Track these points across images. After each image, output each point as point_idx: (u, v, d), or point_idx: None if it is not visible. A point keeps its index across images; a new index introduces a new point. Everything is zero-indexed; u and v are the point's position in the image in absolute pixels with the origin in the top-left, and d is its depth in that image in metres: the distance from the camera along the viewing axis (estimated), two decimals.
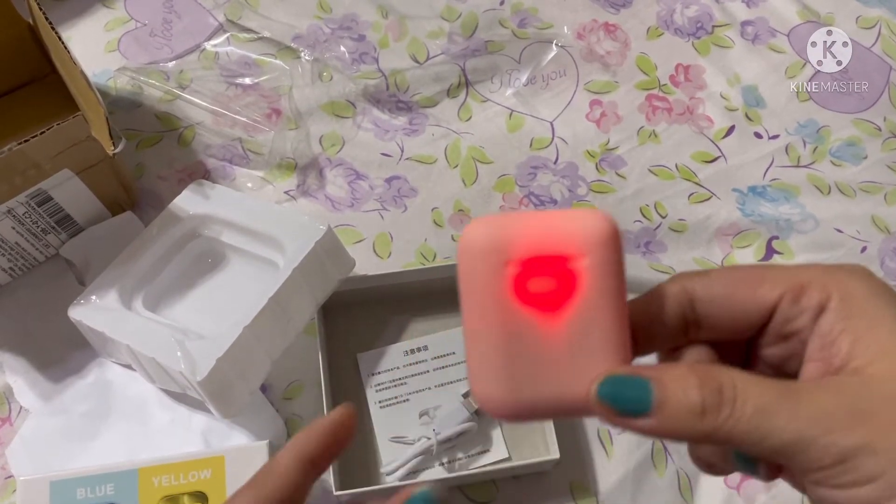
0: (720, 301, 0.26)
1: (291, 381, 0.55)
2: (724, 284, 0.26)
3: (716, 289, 0.26)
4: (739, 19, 0.72)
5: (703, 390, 0.24)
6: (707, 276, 0.27)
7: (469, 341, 0.26)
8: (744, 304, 0.26)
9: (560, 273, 0.25)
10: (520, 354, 0.25)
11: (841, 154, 0.66)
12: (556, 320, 0.25)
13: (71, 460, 0.51)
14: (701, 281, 0.27)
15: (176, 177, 0.62)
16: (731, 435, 0.23)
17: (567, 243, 0.25)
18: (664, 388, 0.24)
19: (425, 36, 0.70)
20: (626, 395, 0.24)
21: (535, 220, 0.26)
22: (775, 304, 0.26)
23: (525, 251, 0.25)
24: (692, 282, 0.27)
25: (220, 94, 0.66)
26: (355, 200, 0.62)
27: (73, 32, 0.69)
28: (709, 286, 0.26)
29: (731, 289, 0.26)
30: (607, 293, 0.25)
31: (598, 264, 0.25)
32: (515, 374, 0.25)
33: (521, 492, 0.52)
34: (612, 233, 0.25)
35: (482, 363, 0.26)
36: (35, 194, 0.52)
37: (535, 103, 0.67)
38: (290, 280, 0.49)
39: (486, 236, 0.25)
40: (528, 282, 0.25)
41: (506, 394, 0.25)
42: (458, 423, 0.51)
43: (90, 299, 0.51)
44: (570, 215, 0.26)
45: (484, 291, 0.25)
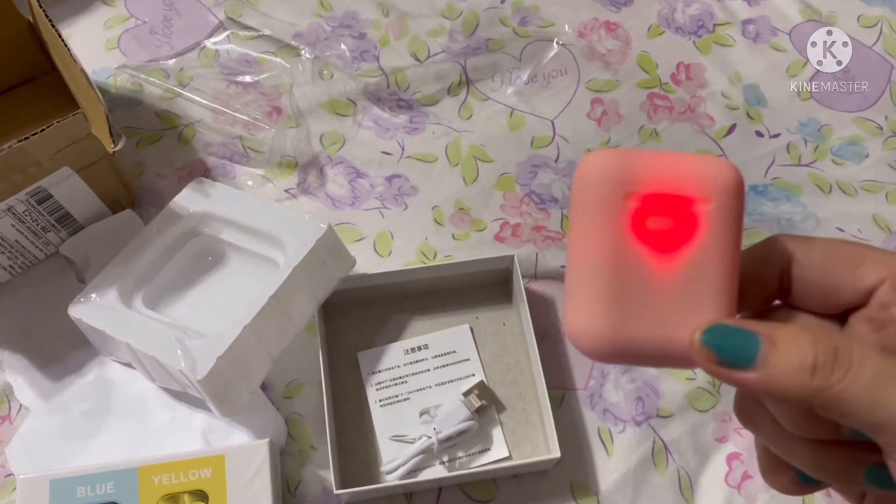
0: (818, 271, 0.26)
1: (292, 379, 0.55)
2: (824, 254, 0.26)
3: (815, 258, 0.26)
4: (741, 18, 0.72)
5: (818, 348, 0.23)
6: (809, 242, 0.26)
7: (572, 271, 0.25)
8: (841, 279, 0.25)
9: (681, 214, 0.24)
10: (626, 291, 0.24)
11: (842, 153, 0.66)
12: (670, 262, 0.24)
13: (71, 459, 0.51)
14: (801, 246, 0.26)
15: (176, 175, 0.62)
16: (840, 397, 0.22)
17: (692, 185, 0.24)
18: (773, 343, 0.23)
19: (426, 34, 0.70)
20: (731, 345, 0.24)
21: (661, 159, 0.25)
22: (874, 287, 0.25)
23: (648, 187, 0.24)
24: (793, 244, 0.26)
25: (220, 92, 0.66)
26: (356, 199, 0.62)
27: (73, 30, 0.69)
28: (809, 253, 0.26)
29: (830, 260, 0.26)
30: (725, 242, 0.24)
31: (720, 211, 0.24)
32: (618, 311, 0.24)
33: (522, 491, 0.52)
34: (739, 182, 0.24)
35: (584, 295, 0.25)
36: (35, 192, 0.51)
37: (536, 102, 0.67)
38: (291, 278, 0.49)
39: (610, 166, 0.24)
40: (647, 218, 0.24)
41: (604, 330, 0.24)
42: (459, 422, 0.51)
43: (90, 297, 0.51)
44: (697, 159, 0.25)
45: (599, 221, 0.24)
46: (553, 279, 0.59)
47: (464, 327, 0.56)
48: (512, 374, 0.55)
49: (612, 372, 0.55)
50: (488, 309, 0.57)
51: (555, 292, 0.58)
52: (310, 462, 0.52)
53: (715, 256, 0.24)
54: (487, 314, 0.57)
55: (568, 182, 0.63)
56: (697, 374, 0.56)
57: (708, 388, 0.55)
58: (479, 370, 0.55)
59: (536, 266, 0.59)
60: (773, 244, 0.26)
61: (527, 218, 0.61)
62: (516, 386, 0.55)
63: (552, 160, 0.64)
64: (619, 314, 0.24)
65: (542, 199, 0.62)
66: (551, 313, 0.57)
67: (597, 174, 0.24)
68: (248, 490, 0.47)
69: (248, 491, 0.47)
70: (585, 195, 0.25)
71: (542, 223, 0.61)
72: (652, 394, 0.55)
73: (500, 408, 0.54)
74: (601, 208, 0.24)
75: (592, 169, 0.25)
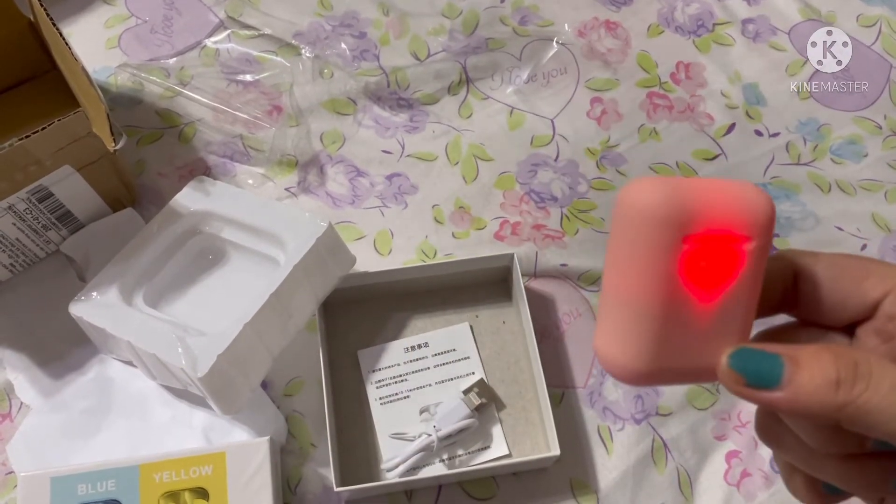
0: (824, 284, 0.26)
1: (292, 377, 0.55)
2: (830, 268, 0.26)
3: (821, 271, 0.26)
4: (740, 17, 0.72)
5: (839, 363, 0.23)
6: (815, 256, 0.27)
7: (613, 302, 0.25)
8: (847, 293, 0.26)
9: (727, 253, 0.25)
10: (668, 327, 0.25)
11: (841, 152, 0.66)
12: (712, 299, 0.25)
13: (72, 456, 0.51)
14: (807, 260, 0.27)
15: (177, 173, 0.62)
16: (864, 409, 0.23)
17: (738, 223, 0.24)
18: (797, 362, 0.24)
19: (426, 33, 0.70)
20: (757, 367, 0.24)
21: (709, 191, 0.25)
22: (879, 300, 0.26)
23: (700, 226, 0.24)
24: (799, 258, 0.27)
25: (220, 90, 0.66)
26: (356, 197, 0.62)
27: (73, 29, 0.69)
28: (814, 268, 0.27)
29: (836, 274, 0.26)
30: (756, 276, 0.25)
31: (759, 248, 0.25)
32: (658, 345, 0.25)
33: (522, 488, 0.52)
34: (773, 215, 0.25)
35: (624, 329, 0.25)
36: (36, 190, 0.52)
37: (536, 101, 0.67)
38: (291, 277, 0.50)
39: (665, 204, 0.24)
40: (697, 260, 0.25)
41: (641, 363, 0.25)
42: (459, 420, 0.51)
43: (91, 296, 0.51)
44: (740, 190, 0.25)
45: (650, 261, 0.24)
46: (553, 277, 0.59)
47: (464, 325, 0.57)
48: (512, 373, 0.55)
49: None
50: (488, 307, 0.57)
51: (554, 291, 0.58)
52: (310, 460, 0.52)
53: (747, 290, 0.25)
54: (487, 312, 0.57)
55: (568, 181, 0.63)
56: None
57: (707, 386, 0.55)
58: (479, 368, 0.55)
59: (536, 264, 0.59)
60: (779, 260, 0.27)
61: (526, 217, 0.62)
62: (516, 384, 0.55)
63: (552, 159, 0.64)
64: (658, 348, 0.25)
65: (542, 197, 0.63)
66: (551, 312, 0.58)
67: (653, 213, 0.24)
68: (249, 487, 0.47)
69: (249, 488, 0.47)
70: (637, 232, 0.25)
71: (542, 222, 0.61)
72: (651, 392, 0.55)
73: (499, 406, 0.54)
74: (655, 249, 0.24)
75: (647, 206, 0.24)
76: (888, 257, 0.61)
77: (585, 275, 0.59)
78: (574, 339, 0.57)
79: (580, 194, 0.63)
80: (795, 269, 0.27)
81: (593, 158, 0.65)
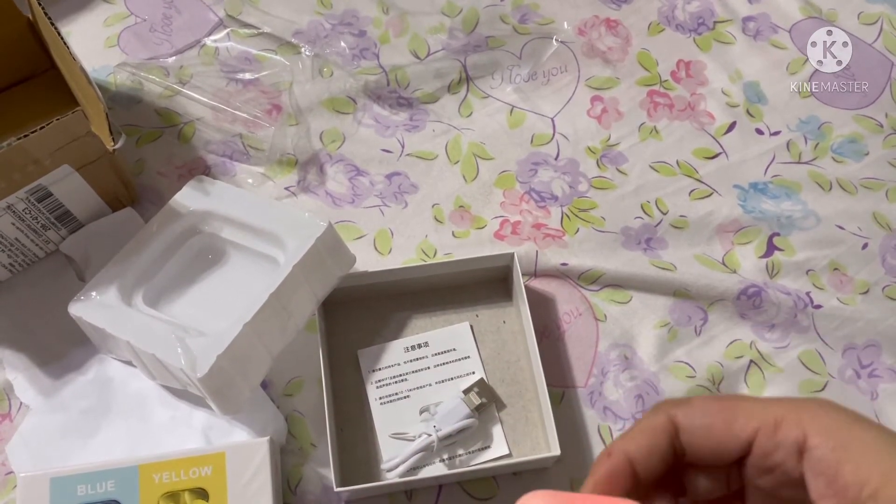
0: (700, 433, 0.28)
1: (292, 377, 0.55)
2: (702, 416, 0.28)
3: (696, 420, 0.28)
4: (741, 15, 0.72)
5: None
6: (689, 405, 0.28)
7: None
8: (721, 437, 0.28)
9: None
10: None
11: (842, 150, 0.66)
12: None
13: (71, 457, 0.51)
14: (683, 410, 0.28)
15: (176, 173, 0.62)
16: None
17: None
18: None
19: (426, 32, 0.70)
20: None
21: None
22: (751, 438, 0.27)
23: None
24: (675, 410, 0.28)
25: (220, 89, 0.66)
26: (356, 196, 0.62)
27: (72, 28, 0.69)
28: (690, 417, 0.28)
29: (708, 421, 0.28)
30: None
31: None
32: None
33: (522, 488, 0.52)
34: None
35: None
36: (35, 190, 0.51)
37: (536, 99, 0.67)
38: (291, 277, 0.49)
39: None
40: None
41: None
42: (459, 420, 0.51)
43: (90, 296, 0.51)
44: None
45: None
46: (553, 277, 0.59)
47: (464, 325, 0.56)
48: (512, 372, 0.55)
49: (611, 370, 0.55)
50: (488, 307, 0.57)
51: (554, 290, 0.58)
52: (310, 460, 0.52)
53: None
54: (487, 312, 0.57)
55: (569, 179, 0.63)
56: (697, 372, 0.56)
57: (707, 385, 0.55)
58: (479, 368, 0.55)
59: (536, 264, 0.59)
60: (658, 417, 0.28)
61: (527, 216, 0.61)
62: (516, 384, 0.55)
63: (552, 158, 0.64)
64: None
65: (542, 196, 0.62)
66: (551, 311, 0.57)
67: None
68: (249, 488, 0.47)
69: (249, 489, 0.47)
70: None
71: (542, 221, 0.61)
72: (652, 391, 0.55)
73: (500, 405, 0.54)
74: None
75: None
76: (889, 256, 0.61)
77: (586, 274, 0.58)
78: (574, 338, 0.57)
79: (580, 193, 0.63)
80: (674, 423, 0.28)
81: (594, 157, 0.64)
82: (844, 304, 0.58)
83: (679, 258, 0.60)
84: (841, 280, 0.60)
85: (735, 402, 0.28)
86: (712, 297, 0.58)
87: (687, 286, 0.58)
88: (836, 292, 0.59)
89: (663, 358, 0.56)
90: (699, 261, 0.60)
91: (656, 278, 0.58)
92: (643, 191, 0.63)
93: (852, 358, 0.57)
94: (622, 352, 0.56)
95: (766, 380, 0.56)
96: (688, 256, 0.60)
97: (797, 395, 0.55)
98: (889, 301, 0.59)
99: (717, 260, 0.60)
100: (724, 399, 0.28)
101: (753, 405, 0.27)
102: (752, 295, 0.58)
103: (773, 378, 0.56)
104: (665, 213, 0.62)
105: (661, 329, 0.57)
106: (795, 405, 0.27)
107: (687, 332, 0.57)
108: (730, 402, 0.28)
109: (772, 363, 0.56)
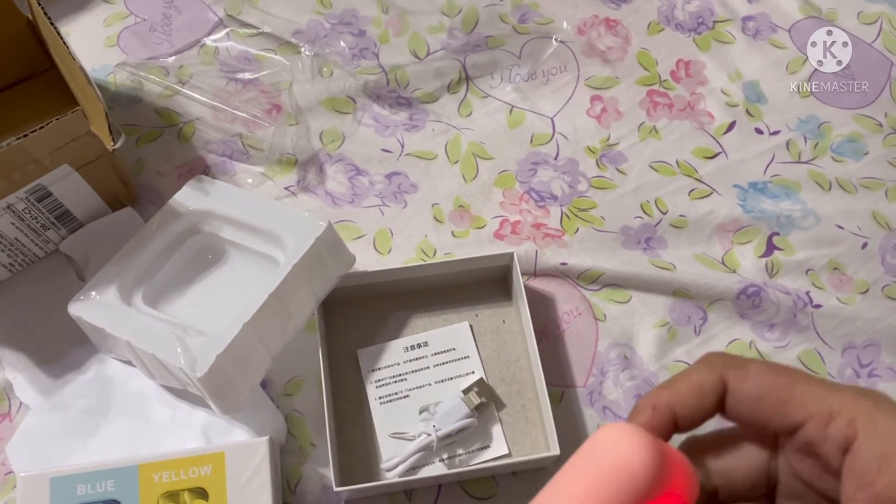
0: (750, 403, 0.28)
1: (292, 377, 0.55)
2: (755, 387, 0.28)
3: (747, 389, 0.28)
4: (741, 14, 0.72)
5: None
6: (744, 371, 0.28)
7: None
8: (770, 414, 0.28)
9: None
10: None
11: (842, 150, 0.66)
12: None
13: (71, 456, 0.51)
14: (736, 375, 0.28)
15: (176, 172, 0.62)
16: None
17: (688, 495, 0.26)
18: None
19: (426, 31, 0.70)
20: None
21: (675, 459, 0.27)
22: (801, 424, 0.27)
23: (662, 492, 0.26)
24: (729, 372, 0.28)
25: (219, 89, 0.66)
26: (355, 196, 0.62)
27: (72, 27, 0.69)
28: (741, 384, 0.28)
29: (761, 395, 0.27)
30: None
31: None
32: None
33: (522, 488, 0.52)
34: None
35: None
36: (34, 190, 0.51)
37: (536, 99, 0.67)
38: (290, 276, 0.49)
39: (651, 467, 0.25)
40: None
41: None
42: (458, 420, 0.51)
43: (90, 295, 0.51)
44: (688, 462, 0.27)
45: None
46: (552, 276, 0.59)
47: (463, 325, 0.56)
48: (511, 372, 0.55)
49: (611, 369, 0.55)
50: (488, 306, 0.57)
51: (554, 290, 0.58)
52: (310, 459, 0.52)
53: None
54: (487, 311, 0.57)
55: (568, 179, 0.63)
56: None
57: None
58: (479, 367, 0.55)
59: (536, 263, 0.59)
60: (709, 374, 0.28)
61: (526, 215, 0.61)
62: (516, 383, 0.55)
63: (552, 157, 0.64)
64: None
65: (542, 196, 0.62)
66: (551, 311, 0.57)
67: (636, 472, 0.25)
68: (248, 487, 0.47)
69: (248, 488, 0.47)
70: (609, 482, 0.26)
71: (542, 220, 0.61)
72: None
73: (499, 405, 0.54)
74: None
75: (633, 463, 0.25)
76: (889, 255, 0.61)
77: (585, 274, 0.58)
78: (574, 338, 0.57)
79: (580, 193, 0.63)
80: (725, 385, 0.28)
81: (593, 157, 0.65)
82: (844, 304, 0.58)
83: (679, 258, 0.60)
84: (840, 279, 0.60)
85: (791, 383, 0.27)
86: (712, 296, 0.58)
87: (686, 286, 0.58)
88: (835, 292, 0.59)
89: (663, 357, 0.56)
90: (699, 260, 0.60)
91: (656, 278, 0.58)
92: (643, 190, 0.63)
93: (852, 357, 0.57)
94: (622, 351, 0.56)
95: None
96: (687, 256, 0.60)
97: None
98: (888, 300, 0.59)
99: (716, 259, 0.60)
100: (780, 373, 0.28)
101: (810, 392, 0.27)
102: (751, 294, 0.58)
103: None
104: (665, 212, 0.62)
105: (660, 328, 0.57)
106: (852, 401, 0.26)
107: (686, 331, 0.57)
108: (786, 380, 0.27)
109: None
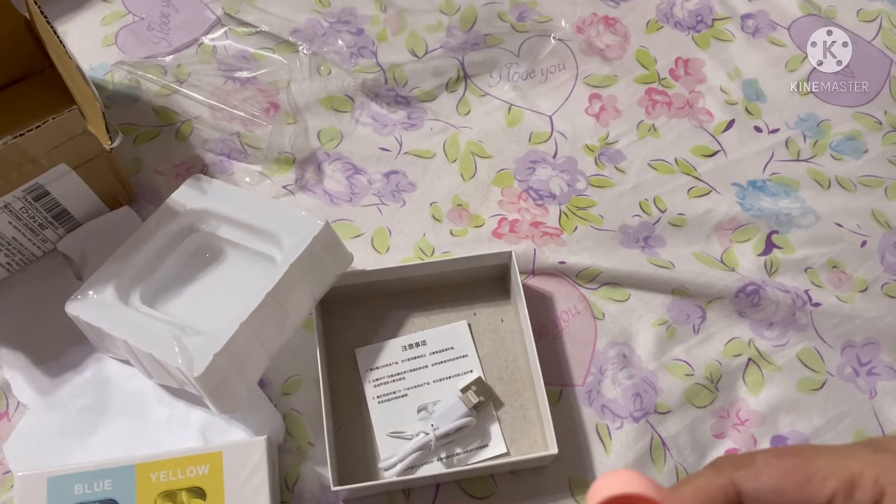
0: (769, 498, 0.26)
1: (289, 376, 0.54)
2: (770, 481, 0.26)
3: (763, 484, 0.26)
4: (740, 12, 0.72)
5: None
6: (753, 467, 0.26)
7: None
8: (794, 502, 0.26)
9: None
10: None
11: (841, 148, 0.66)
12: None
13: (68, 456, 0.51)
14: (747, 474, 0.26)
15: (173, 171, 0.62)
16: None
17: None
18: None
19: (424, 29, 0.70)
20: None
21: None
22: (827, 501, 0.25)
23: None
24: (738, 473, 0.27)
25: (217, 88, 0.66)
26: (353, 195, 0.62)
27: (70, 26, 0.69)
28: (755, 480, 0.26)
29: (777, 487, 0.26)
30: None
31: None
32: None
33: (520, 487, 0.52)
34: None
35: None
36: (32, 189, 0.51)
37: (534, 97, 0.67)
38: (288, 275, 0.49)
39: None
40: None
41: None
42: (457, 419, 0.51)
43: (87, 294, 0.51)
44: None
45: None
46: (551, 275, 0.59)
47: (462, 324, 0.56)
48: (510, 371, 0.55)
49: (609, 368, 0.55)
50: (486, 305, 0.57)
51: (553, 288, 0.58)
52: (308, 458, 0.52)
53: None
54: (485, 310, 0.57)
55: (567, 177, 0.63)
56: (695, 370, 0.56)
57: (706, 384, 0.55)
58: (477, 366, 0.55)
59: (534, 262, 0.59)
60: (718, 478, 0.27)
61: (525, 214, 0.61)
62: (514, 382, 0.55)
63: (550, 156, 0.64)
64: None
65: (541, 195, 0.62)
66: (549, 309, 0.57)
67: None
68: (246, 487, 0.47)
69: (246, 488, 0.47)
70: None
71: (540, 219, 0.61)
72: (650, 390, 0.55)
73: (497, 404, 0.54)
74: None
75: None
76: (888, 254, 0.61)
77: (584, 272, 0.58)
78: (572, 337, 0.56)
79: (579, 191, 0.63)
80: (736, 485, 0.26)
81: (592, 155, 0.64)
82: (843, 302, 0.58)
83: (677, 256, 0.60)
84: (840, 278, 0.60)
85: (807, 460, 0.26)
86: (711, 295, 0.58)
87: (685, 284, 0.58)
88: (834, 290, 0.59)
89: (661, 356, 0.56)
90: (698, 259, 0.60)
91: (654, 276, 0.58)
92: (641, 189, 0.63)
93: (851, 356, 0.57)
94: (620, 350, 0.56)
95: (764, 378, 0.56)
96: (686, 254, 0.60)
97: (795, 392, 0.55)
98: (888, 299, 0.59)
99: (715, 258, 0.60)
100: (791, 455, 0.26)
101: (825, 465, 0.26)
102: (750, 293, 0.58)
103: (771, 376, 0.56)
104: (663, 211, 0.62)
105: (659, 327, 0.57)
106: (870, 459, 0.25)
107: (685, 330, 0.57)
108: (800, 459, 0.26)
109: (770, 361, 0.56)
